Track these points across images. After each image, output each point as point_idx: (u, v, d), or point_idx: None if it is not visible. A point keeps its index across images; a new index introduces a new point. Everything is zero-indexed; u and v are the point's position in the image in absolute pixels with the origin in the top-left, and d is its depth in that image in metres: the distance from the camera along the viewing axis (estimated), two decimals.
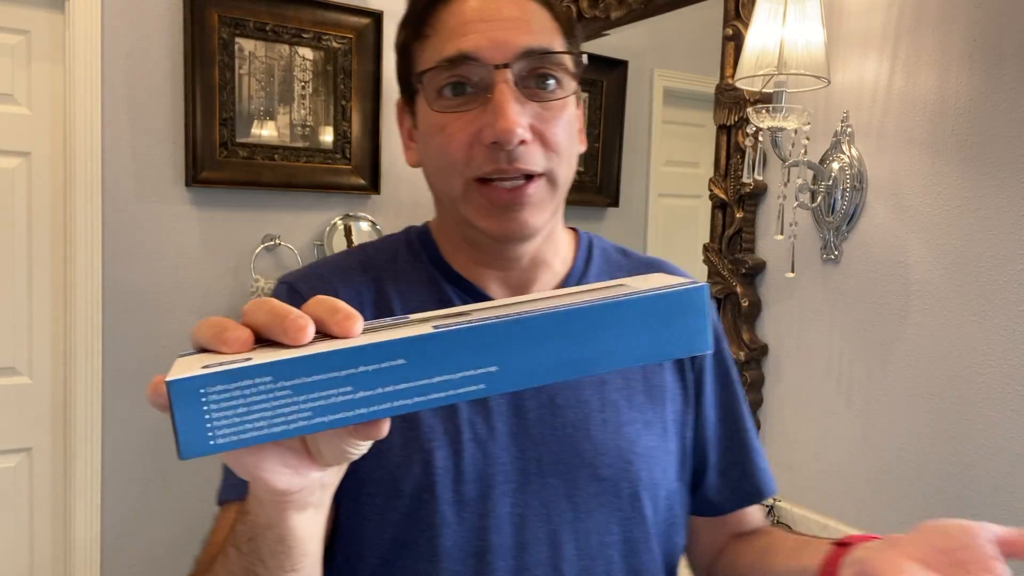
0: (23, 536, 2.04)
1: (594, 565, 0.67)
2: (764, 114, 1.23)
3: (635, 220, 1.87)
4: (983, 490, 1.15)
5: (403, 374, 0.36)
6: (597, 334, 0.38)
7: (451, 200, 0.67)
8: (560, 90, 0.65)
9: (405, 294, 0.71)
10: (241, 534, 0.48)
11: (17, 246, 1.99)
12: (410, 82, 0.69)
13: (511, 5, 0.65)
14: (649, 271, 0.73)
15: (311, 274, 0.72)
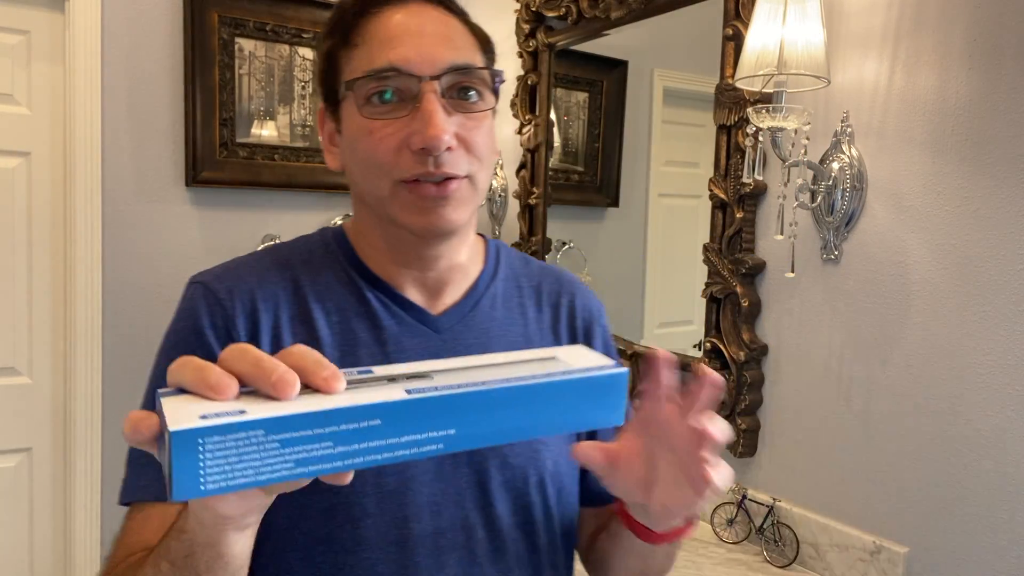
0: (23, 536, 2.04)
1: (504, 547, 0.72)
2: (764, 114, 1.23)
3: (635, 220, 1.87)
4: (983, 490, 1.15)
5: (377, 433, 0.41)
6: (538, 407, 0.46)
7: (378, 200, 0.70)
8: (481, 102, 0.71)
9: (322, 294, 0.73)
10: (176, 551, 0.51)
11: (17, 246, 1.99)
12: (335, 88, 0.72)
13: (435, 22, 0.70)
14: (548, 281, 0.82)
15: (226, 275, 0.72)
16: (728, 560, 1.41)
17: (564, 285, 0.85)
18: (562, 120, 2.09)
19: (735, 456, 1.51)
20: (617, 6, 1.77)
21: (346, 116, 0.72)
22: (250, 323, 0.69)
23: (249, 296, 0.70)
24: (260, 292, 0.71)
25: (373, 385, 0.43)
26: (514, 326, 0.78)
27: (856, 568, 1.29)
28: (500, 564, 0.72)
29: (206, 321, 0.69)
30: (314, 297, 0.72)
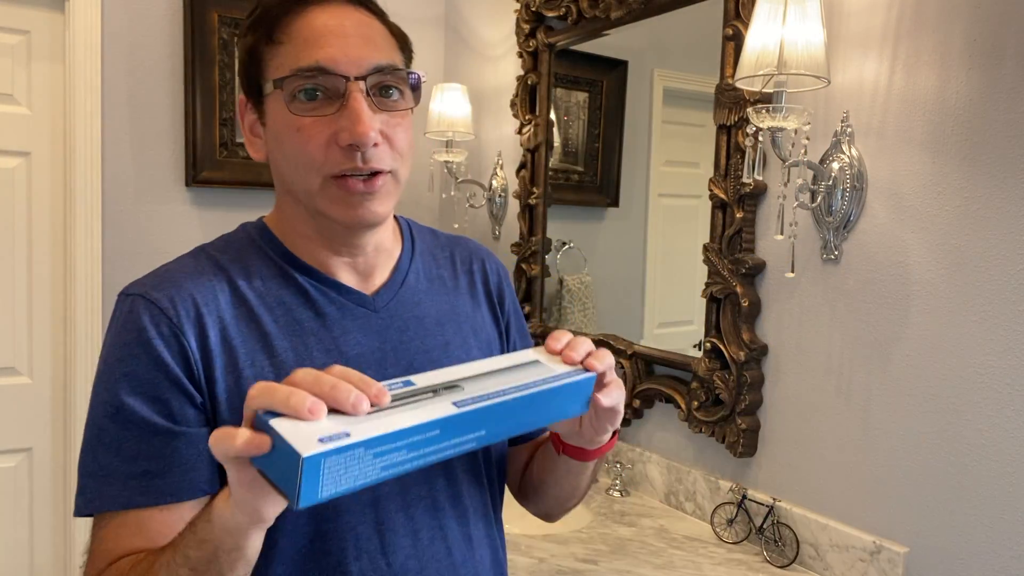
0: (23, 536, 2.04)
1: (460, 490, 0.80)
2: (764, 114, 1.23)
3: (635, 220, 1.87)
4: (983, 490, 1.15)
5: (436, 440, 0.54)
6: (542, 407, 0.61)
7: (307, 194, 0.74)
8: (403, 101, 0.75)
9: (260, 289, 0.75)
10: (197, 558, 0.57)
11: (17, 246, 1.99)
12: (258, 82, 0.74)
13: (358, 23, 0.73)
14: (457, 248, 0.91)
15: (162, 284, 0.73)
16: (728, 560, 1.41)
17: (473, 251, 0.93)
18: (562, 120, 2.09)
19: (735, 456, 1.51)
20: (617, 6, 1.77)
21: (272, 111, 0.74)
22: (197, 328, 0.71)
23: (191, 302, 0.72)
24: (200, 297, 0.72)
25: (423, 399, 0.55)
26: (439, 295, 0.85)
27: (856, 568, 1.29)
28: (459, 507, 0.80)
29: (152, 332, 0.69)
30: (253, 293, 0.75)
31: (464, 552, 0.80)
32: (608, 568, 1.36)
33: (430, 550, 0.77)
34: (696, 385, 1.58)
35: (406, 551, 0.75)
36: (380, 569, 0.74)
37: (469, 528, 0.81)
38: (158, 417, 0.68)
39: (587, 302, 2.01)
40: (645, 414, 1.77)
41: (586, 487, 0.88)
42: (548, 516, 0.95)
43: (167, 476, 0.68)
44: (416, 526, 0.76)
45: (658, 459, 1.71)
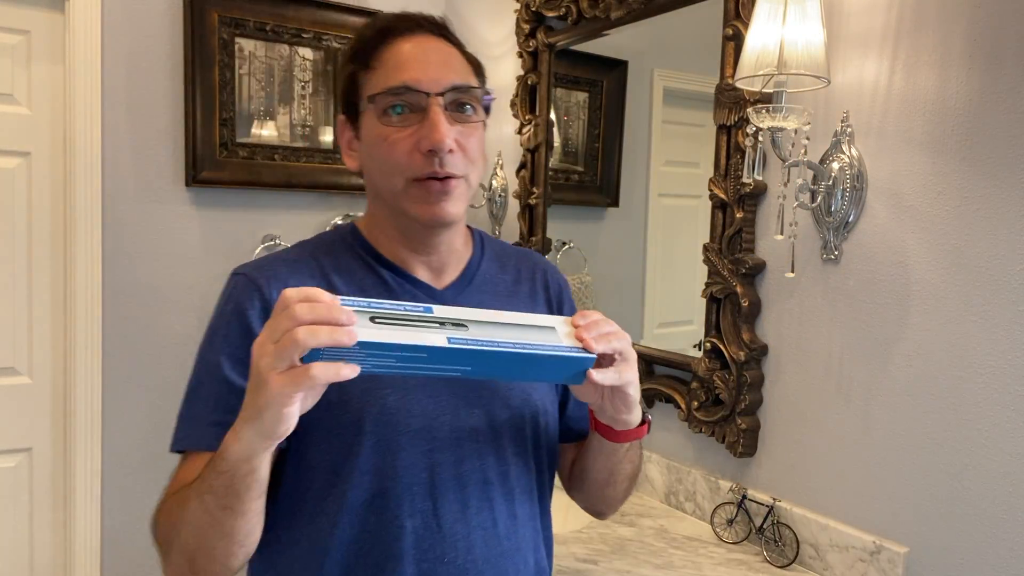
0: (23, 536, 2.04)
1: (508, 471, 0.90)
2: (764, 114, 1.23)
3: (635, 220, 1.87)
4: (983, 490, 1.15)
5: (422, 360, 0.65)
6: (528, 366, 0.71)
7: (392, 195, 0.86)
8: (475, 115, 0.88)
9: (345, 276, 0.89)
10: (217, 485, 0.70)
11: (17, 246, 1.99)
12: (355, 102, 0.89)
13: (438, 51, 0.87)
14: (523, 260, 1.02)
15: (264, 267, 0.89)
16: (728, 560, 1.41)
17: (537, 264, 1.04)
18: (562, 120, 2.09)
19: (735, 456, 1.51)
20: (617, 6, 1.77)
21: (365, 125, 0.88)
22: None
23: (283, 283, 0.84)
24: (292, 280, 0.85)
25: (431, 326, 0.67)
26: (500, 296, 0.96)
27: (856, 568, 1.29)
28: (506, 484, 0.90)
29: (246, 305, 0.84)
30: (339, 278, 0.89)
31: (508, 526, 0.89)
32: (608, 568, 1.36)
33: (477, 518, 0.86)
34: (696, 385, 1.58)
35: (455, 515, 0.85)
36: (431, 528, 0.84)
37: (514, 506, 0.90)
38: (241, 378, 0.79)
39: (587, 302, 2.01)
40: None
41: (623, 478, 0.97)
42: (594, 509, 1.05)
43: None
44: (466, 496, 0.86)
45: (658, 459, 1.71)
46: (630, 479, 0.99)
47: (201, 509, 0.73)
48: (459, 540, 0.85)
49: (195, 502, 0.73)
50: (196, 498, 0.73)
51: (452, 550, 0.85)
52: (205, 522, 0.73)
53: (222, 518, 0.72)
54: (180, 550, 0.77)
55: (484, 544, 0.87)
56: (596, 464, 0.95)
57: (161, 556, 0.81)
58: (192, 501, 0.74)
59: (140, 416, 2.11)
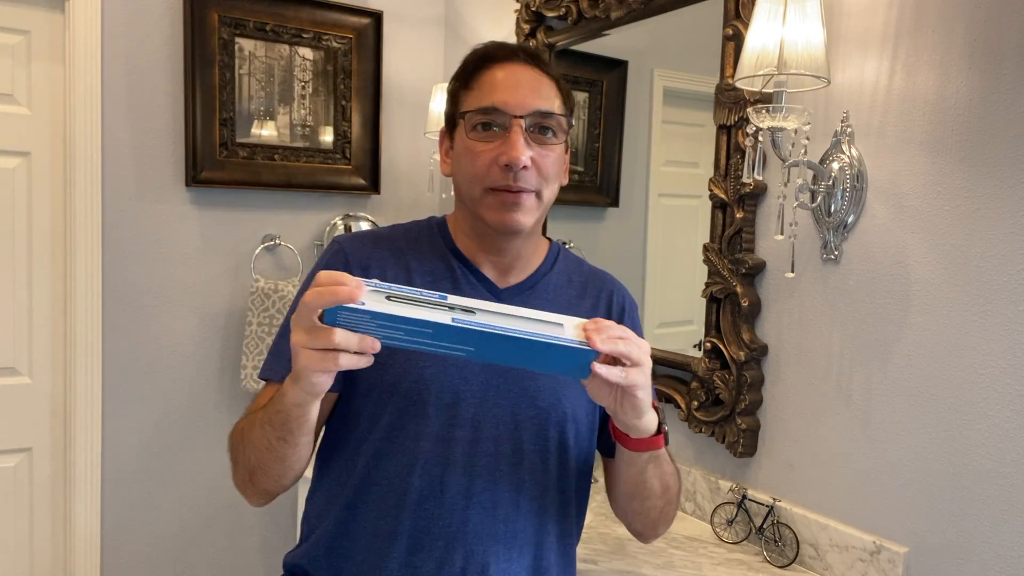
0: (23, 536, 2.04)
1: (522, 463, 0.97)
2: (764, 114, 1.23)
3: (635, 220, 1.87)
4: (983, 490, 1.15)
5: (428, 336, 0.72)
6: (528, 352, 0.75)
7: (471, 200, 0.97)
8: (555, 139, 0.98)
9: (420, 261, 1.01)
10: (276, 420, 0.84)
11: (17, 246, 1.99)
12: (454, 116, 1.01)
13: (529, 77, 0.98)
14: (594, 279, 1.10)
15: (356, 239, 1.04)
16: (728, 560, 1.41)
17: (607, 283, 1.12)
18: None
19: (735, 456, 1.51)
20: (617, 6, 1.77)
21: (458, 137, 1.00)
22: (360, 272, 0.96)
23: (368, 256, 1.00)
24: (375, 254, 1.01)
25: (440, 308, 0.73)
26: (560, 306, 1.02)
27: (856, 568, 1.29)
28: (517, 475, 0.97)
29: (331, 266, 0.97)
30: (414, 260, 1.01)
31: (509, 513, 0.96)
32: (608, 568, 1.36)
33: (479, 497, 0.95)
34: (696, 385, 1.58)
35: (458, 488, 0.94)
36: (435, 492, 0.94)
37: (520, 497, 0.97)
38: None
39: None
40: None
41: (650, 493, 0.98)
42: (632, 527, 1.08)
43: None
44: (474, 474, 0.95)
45: None
46: (662, 498, 1.00)
47: (262, 436, 0.87)
48: (456, 511, 0.94)
49: (258, 430, 0.87)
50: (259, 427, 0.87)
51: (447, 516, 0.94)
52: (264, 446, 0.87)
53: (277, 446, 0.86)
54: (244, 465, 0.92)
55: (479, 522, 0.94)
56: (622, 475, 0.98)
57: (232, 466, 0.96)
58: (256, 428, 0.88)
59: (140, 416, 2.11)
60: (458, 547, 0.94)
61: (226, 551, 2.27)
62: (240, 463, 0.94)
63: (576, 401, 1.01)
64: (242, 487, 0.96)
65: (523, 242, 1.01)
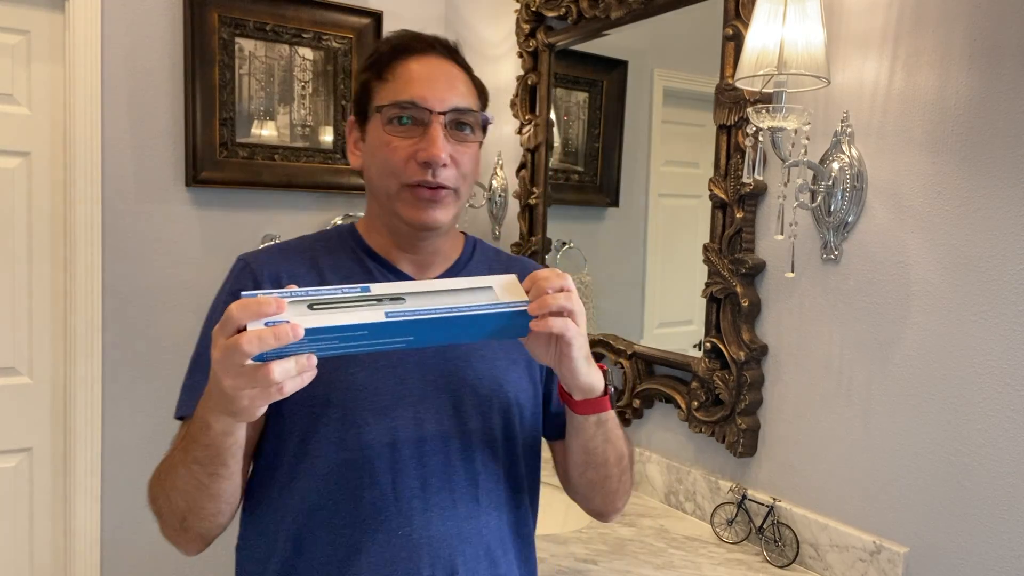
0: (23, 536, 2.04)
1: (473, 455, 0.94)
2: (764, 114, 1.23)
3: (635, 220, 1.87)
4: (983, 490, 1.15)
5: (365, 338, 0.69)
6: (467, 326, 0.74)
7: (386, 195, 0.94)
8: (472, 136, 0.96)
9: (336, 268, 0.97)
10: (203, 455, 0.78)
11: (17, 246, 1.99)
12: (365, 108, 0.97)
13: (446, 72, 0.95)
14: (514, 266, 1.05)
15: (262, 254, 0.99)
16: (728, 560, 1.41)
17: (527, 268, 1.07)
18: (562, 120, 2.09)
19: (735, 456, 1.51)
20: (617, 6, 1.77)
21: (371, 130, 0.96)
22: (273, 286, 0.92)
23: (277, 269, 0.95)
24: (285, 266, 0.96)
25: (369, 304, 0.70)
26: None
27: (856, 568, 1.29)
28: (470, 469, 0.94)
29: (240, 286, 0.92)
30: (328, 267, 0.97)
31: (470, 509, 0.93)
32: (608, 568, 1.36)
33: (436, 497, 0.91)
34: (696, 385, 1.58)
35: (413, 491, 0.90)
36: (388, 500, 0.89)
37: (478, 491, 0.94)
38: None
39: (587, 302, 2.01)
40: (645, 414, 1.77)
41: (602, 461, 0.97)
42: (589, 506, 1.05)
43: None
44: (426, 473, 0.91)
45: (658, 459, 1.71)
46: (616, 466, 0.98)
47: (189, 476, 0.80)
48: (415, 515, 0.90)
49: (183, 471, 0.81)
50: (184, 467, 0.81)
51: (407, 525, 0.89)
52: (194, 487, 0.81)
53: (210, 483, 0.80)
54: (172, 513, 0.86)
55: (441, 524, 0.91)
56: (572, 446, 0.97)
57: (156, 518, 0.90)
58: (180, 470, 0.82)
59: (140, 416, 2.11)
60: (424, 555, 0.89)
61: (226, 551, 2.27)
62: (167, 513, 0.87)
63: (517, 385, 0.99)
64: (174, 537, 0.90)
65: (439, 237, 0.99)
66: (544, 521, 1.72)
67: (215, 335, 0.68)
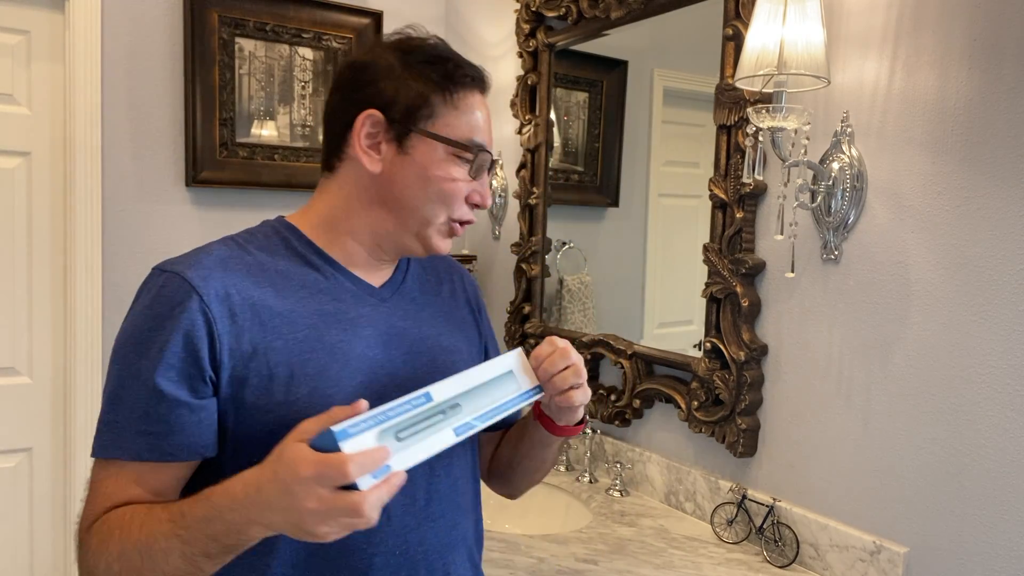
0: (23, 536, 2.04)
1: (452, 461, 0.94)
2: (764, 114, 1.23)
3: (635, 220, 1.87)
4: (983, 490, 1.15)
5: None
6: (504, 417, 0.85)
7: (423, 221, 0.90)
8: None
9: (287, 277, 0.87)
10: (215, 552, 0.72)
11: (17, 246, 1.99)
12: (415, 119, 0.88)
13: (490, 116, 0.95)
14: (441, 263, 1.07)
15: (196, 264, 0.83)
16: (728, 560, 1.41)
17: (452, 267, 1.09)
18: (562, 120, 2.09)
19: (735, 456, 1.51)
20: (617, 6, 1.77)
21: (423, 149, 0.89)
22: (225, 307, 0.81)
23: (219, 283, 0.82)
24: (229, 279, 0.83)
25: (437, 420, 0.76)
26: (430, 295, 1.01)
27: (856, 568, 1.29)
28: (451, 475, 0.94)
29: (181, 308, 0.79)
30: (279, 278, 0.87)
31: (455, 515, 0.94)
32: (608, 568, 1.36)
33: (426, 510, 0.90)
34: (696, 385, 1.58)
35: (404, 508, 0.88)
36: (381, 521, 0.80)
37: (458, 496, 0.95)
38: (171, 387, 0.78)
39: (587, 302, 2.01)
40: (645, 414, 1.77)
41: (551, 464, 1.07)
42: (511, 494, 1.12)
43: (171, 438, 0.78)
44: (414, 488, 0.88)
45: (658, 459, 1.71)
46: (553, 464, 1.09)
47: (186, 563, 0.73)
48: (410, 532, 0.88)
49: (177, 557, 0.72)
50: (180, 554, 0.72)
51: (403, 543, 0.88)
52: (185, 570, 0.73)
53: (208, 568, 0.74)
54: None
55: (435, 537, 0.91)
56: (531, 453, 1.03)
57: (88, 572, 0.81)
58: (173, 555, 0.72)
59: None
60: (420, 569, 0.89)
61: None
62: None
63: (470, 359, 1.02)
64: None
65: None
66: (544, 521, 1.72)
67: (308, 479, 0.64)
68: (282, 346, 0.82)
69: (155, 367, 0.78)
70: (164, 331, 0.79)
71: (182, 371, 0.78)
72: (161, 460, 0.78)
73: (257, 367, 0.80)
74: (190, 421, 0.78)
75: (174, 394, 0.78)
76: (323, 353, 0.84)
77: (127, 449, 0.78)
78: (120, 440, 0.79)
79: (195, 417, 0.79)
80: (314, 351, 0.83)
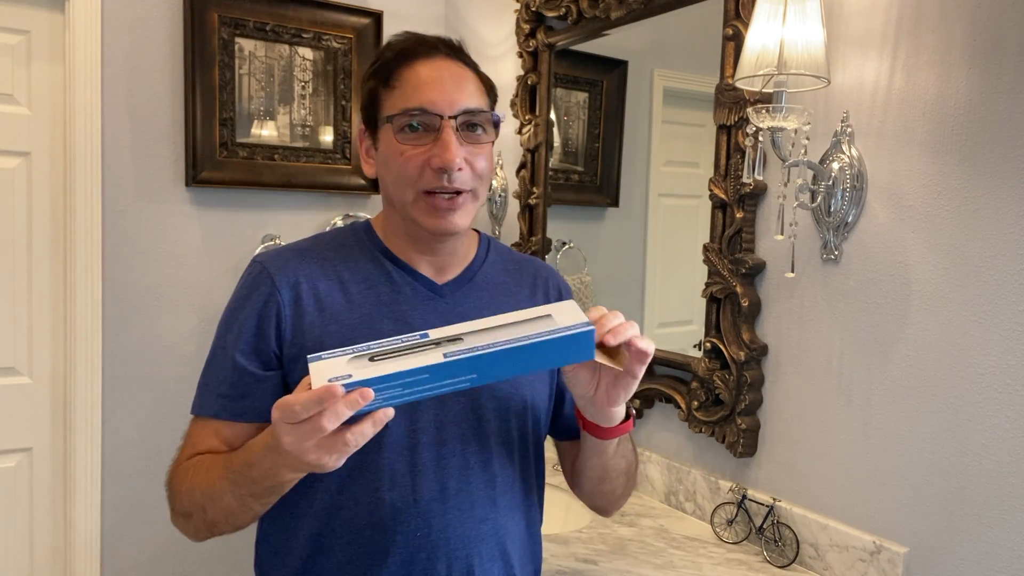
0: (23, 536, 2.04)
1: (491, 458, 0.95)
2: (764, 114, 1.23)
3: (635, 220, 1.87)
4: (983, 490, 1.15)
5: (427, 381, 0.69)
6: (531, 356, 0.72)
7: (403, 204, 0.94)
8: (485, 136, 0.95)
9: (354, 271, 0.97)
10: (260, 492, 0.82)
11: (17, 246, 1.99)
12: (375, 117, 0.96)
13: (454, 74, 0.94)
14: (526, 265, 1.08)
15: (279, 257, 0.97)
16: (728, 560, 1.41)
17: (540, 269, 1.10)
18: (562, 120, 2.09)
19: (735, 456, 1.51)
20: (617, 6, 1.77)
21: (383, 139, 0.95)
22: (293, 294, 0.93)
23: (294, 273, 0.94)
24: (303, 270, 0.95)
25: (424, 349, 0.71)
26: (499, 295, 1.02)
27: (856, 568, 1.29)
28: (488, 472, 0.95)
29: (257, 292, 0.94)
30: (346, 271, 0.96)
31: (487, 511, 0.94)
32: (608, 568, 1.36)
33: (455, 499, 0.92)
34: (696, 385, 1.58)
35: (432, 494, 0.91)
36: (408, 502, 0.91)
37: (495, 493, 0.95)
38: (244, 359, 0.92)
39: (587, 302, 2.01)
40: (645, 414, 1.77)
41: (617, 474, 1.02)
42: (596, 505, 1.10)
43: (243, 402, 0.92)
44: (445, 476, 0.92)
45: (658, 459, 1.71)
46: (626, 475, 1.04)
47: (237, 502, 0.84)
48: (434, 518, 0.91)
49: (229, 495, 0.84)
50: (232, 496, 0.84)
51: (427, 527, 0.91)
52: (239, 509, 0.85)
53: (260, 508, 0.85)
54: (203, 519, 0.89)
55: (459, 526, 0.92)
56: (590, 463, 1.00)
57: (176, 513, 0.92)
58: (226, 496, 0.84)
59: (140, 416, 2.11)
60: (441, 555, 0.91)
61: (226, 551, 2.27)
62: (197, 518, 0.89)
63: (532, 388, 1.00)
64: (190, 531, 0.92)
65: (456, 240, 0.99)
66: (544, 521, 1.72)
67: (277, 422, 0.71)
68: (336, 330, 0.91)
69: (236, 341, 0.92)
70: (244, 311, 0.93)
71: (254, 346, 0.92)
72: (233, 419, 0.92)
73: (313, 346, 0.89)
74: (258, 389, 0.91)
75: (246, 365, 0.91)
76: (371, 338, 0.86)
77: (209, 407, 0.93)
78: (206, 400, 0.94)
79: (262, 386, 0.91)
80: (363, 337, 0.89)
